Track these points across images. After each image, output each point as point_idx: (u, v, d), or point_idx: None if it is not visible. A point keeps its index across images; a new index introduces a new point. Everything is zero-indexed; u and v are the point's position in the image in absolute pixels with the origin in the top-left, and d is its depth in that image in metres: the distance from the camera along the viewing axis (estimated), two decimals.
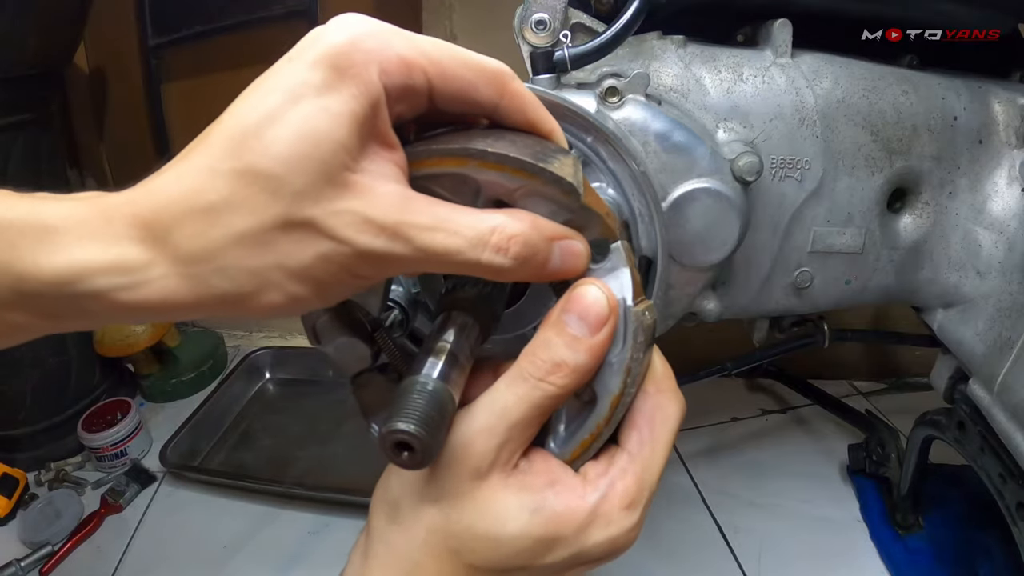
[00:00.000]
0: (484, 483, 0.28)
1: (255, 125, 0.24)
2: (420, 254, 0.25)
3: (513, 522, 0.28)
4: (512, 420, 0.28)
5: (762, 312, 0.60)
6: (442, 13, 1.04)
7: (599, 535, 0.29)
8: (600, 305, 0.29)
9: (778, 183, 0.53)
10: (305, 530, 0.89)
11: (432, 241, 0.25)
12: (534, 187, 0.28)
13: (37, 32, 0.89)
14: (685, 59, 0.53)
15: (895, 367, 1.17)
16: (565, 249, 0.28)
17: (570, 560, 0.29)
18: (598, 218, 0.31)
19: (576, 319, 0.29)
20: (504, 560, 0.29)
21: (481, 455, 0.28)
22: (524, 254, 0.26)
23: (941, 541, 0.78)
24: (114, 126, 1.32)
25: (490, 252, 0.26)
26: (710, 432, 1.05)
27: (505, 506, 0.28)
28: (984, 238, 0.57)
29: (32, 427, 1.04)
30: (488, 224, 0.26)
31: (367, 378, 0.36)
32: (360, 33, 0.25)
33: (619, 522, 0.29)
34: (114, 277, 0.23)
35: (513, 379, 0.29)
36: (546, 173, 0.28)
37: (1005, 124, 0.58)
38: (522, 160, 0.27)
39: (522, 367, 0.29)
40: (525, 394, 0.28)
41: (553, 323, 0.29)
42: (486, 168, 0.28)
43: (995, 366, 0.55)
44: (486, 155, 0.28)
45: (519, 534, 0.28)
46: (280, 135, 0.23)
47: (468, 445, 0.28)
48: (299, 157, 0.23)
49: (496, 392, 0.29)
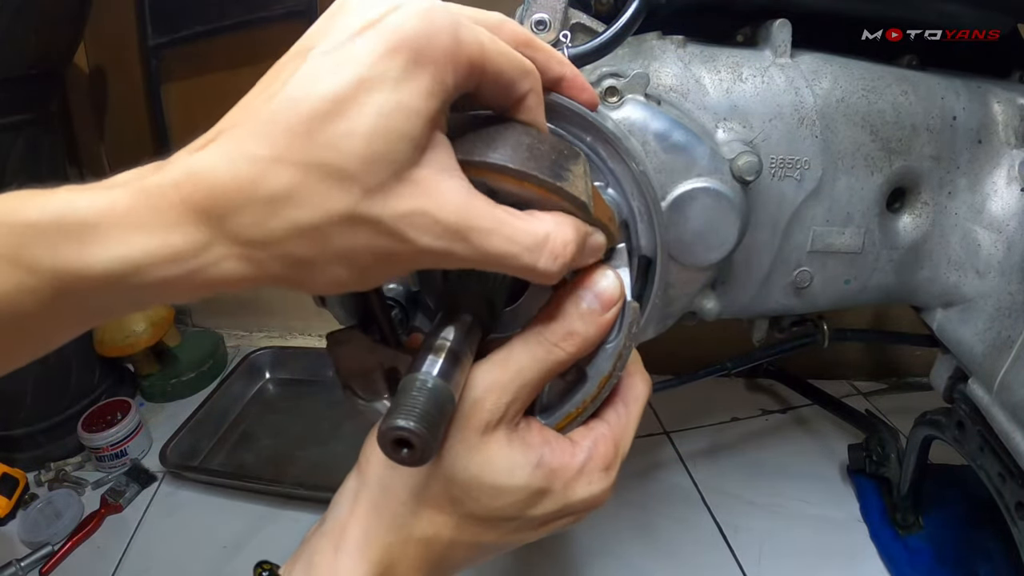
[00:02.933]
0: (491, 437, 0.30)
1: (324, 113, 0.22)
2: (478, 255, 0.26)
3: (518, 473, 0.31)
4: (524, 380, 0.31)
5: (761, 311, 0.60)
6: None
7: (582, 491, 0.33)
8: (613, 288, 0.32)
9: (777, 183, 0.53)
10: (305, 530, 0.88)
11: (492, 245, 0.26)
12: (549, 200, 0.29)
13: (37, 32, 0.89)
14: (684, 59, 0.53)
15: (895, 367, 1.18)
16: (590, 245, 0.30)
17: (554, 513, 0.32)
18: (604, 227, 0.32)
19: (592, 296, 0.32)
20: (500, 509, 0.31)
21: (492, 410, 0.30)
22: (571, 260, 0.28)
23: (941, 541, 0.78)
24: (114, 126, 1.32)
25: (546, 258, 0.27)
26: (710, 432, 1.05)
27: (511, 459, 0.31)
28: (983, 238, 0.58)
29: (32, 427, 1.04)
30: (543, 230, 0.27)
31: (347, 335, 0.37)
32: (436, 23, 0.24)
33: (599, 481, 0.33)
34: (173, 266, 0.23)
35: (528, 342, 0.31)
36: (563, 192, 0.29)
37: (1004, 124, 0.58)
38: (541, 179, 0.29)
39: (538, 332, 0.31)
40: (541, 356, 0.31)
41: (569, 297, 0.32)
42: (505, 181, 0.29)
43: (994, 366, 0.55)
44: (507, 170, 0.28)
45: (521, 485, 0.31)
46: (354, 130, 0.22)
47: (480, 400, 0.30)
48: (373, 156, 0.23)
49: (511, 352, 0.31)
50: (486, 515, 0.32)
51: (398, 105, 0.23)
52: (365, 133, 0.23)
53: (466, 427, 0.30)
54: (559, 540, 0.83)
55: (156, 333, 1.15)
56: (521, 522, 0.32)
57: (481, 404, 0.30)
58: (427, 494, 0.31)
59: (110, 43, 1.25)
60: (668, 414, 1.08)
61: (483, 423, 0.30)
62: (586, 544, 0.83)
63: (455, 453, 0.30)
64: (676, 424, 1.06)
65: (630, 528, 0.86)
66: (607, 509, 0.94)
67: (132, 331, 1.12)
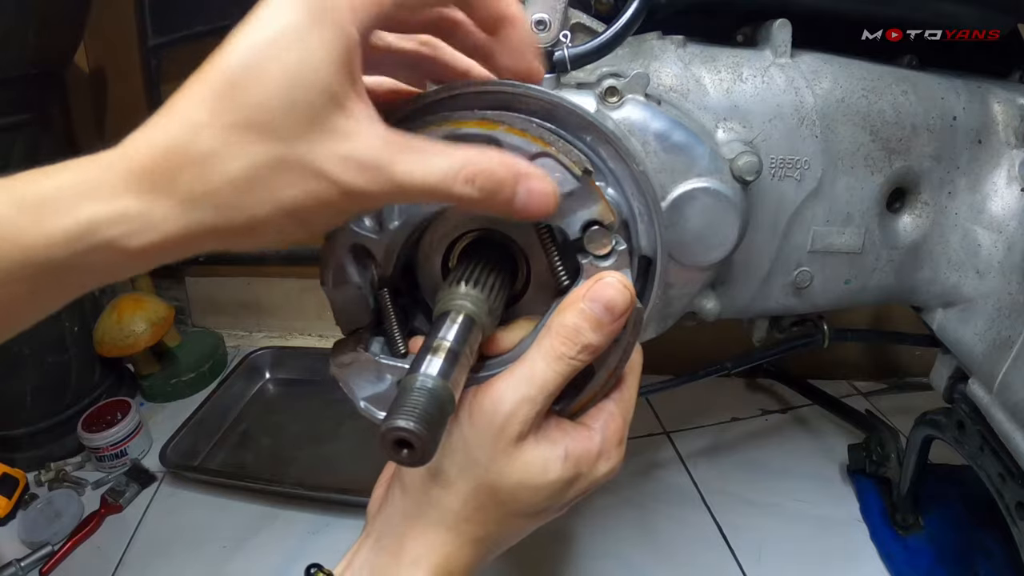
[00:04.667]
0: (524, 444, 0.34)
1: (242, 78, 0.25)
2: (398, 188, 0.27)
3: (552, 468, 0.34)
4: (549, 392, 0.34)
5: (761, 312, 0.60)
6: None
7: (603, 467, 0.36)
8: (623, 297, 0.34)
9: (777, 183, 0.53)
10: (305, 530, 0.89)
11: (410, 177, 0.27)
12: (548, 154, 0.33)
13: (37, 32, 0.89)
14: (685, 59, 0.53)
15: (895, 367, 1.17)
16: (533, 187, 0.30)
17: (582, 491, 0.36)
18: (599, 196, 0.35)
19: (602, 309, 0.34)
20: (540, 503, 0.35)
21: (523, 422, 0.34)
22: (489, 186, 0.28)
23: (941, 541, 0.78)
24: (114, 126, 1.32)
25: (460, 184, 0.28)
26: (710, 432, 1.05)
27: (544, 459, 0.34)
28: (983, 238, 0.58)
29: (32, 427, 1.04)
30: (459, 158, 0.28)
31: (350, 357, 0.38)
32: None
33: (615, 456, 0.37)
34: (121, 225, 0.25)
35: (548, 356, 0.34)
36: (559, 143, 0.33)
37: (1004, 124, 0.58)
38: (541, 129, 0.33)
39: (556, 347, 0.34)
40: (562, 370, 0.34)
41: (580, 310, 0.34)
42: (513, 133, 0.33)
43: (994, 366, 0.55)
44: (514, 121, 0.33)
45: (556, 479, 0.35)
46: (268, 86, 0.25)
47: (512, 415, 0.33)
48: (287, 105, 0.25)
49: (534, 366, 0.34)
50: (528, 510, 0.35)
51: (304, 58, 0.25)
52: (278, 88, 0.25)
53: (502, 439, 0.34)
54: (559, 540, 0.83)
55: (156, 333, 1.15)
56: (556, 507, 0.36)
57: (515, 418, 0.33)
58: (476, 502, 0.35)
59: (110, 43, 1.25)
60: (668, 414, 1.08)
61: (517, 434, 0.34)
62: (586, 544, 0.83)
63: (499, 465, 0.34)
64: (676, 424, 1.06)
65: (630, 528, 0.86)
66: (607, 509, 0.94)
67: (132, 331, 1.12)
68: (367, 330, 0.39)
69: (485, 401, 0.34)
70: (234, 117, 0.25)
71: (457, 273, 0.36)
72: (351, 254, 0.39)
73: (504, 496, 0.34)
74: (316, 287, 0.39)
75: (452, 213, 0.39)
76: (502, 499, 0.35)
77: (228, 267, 1.35)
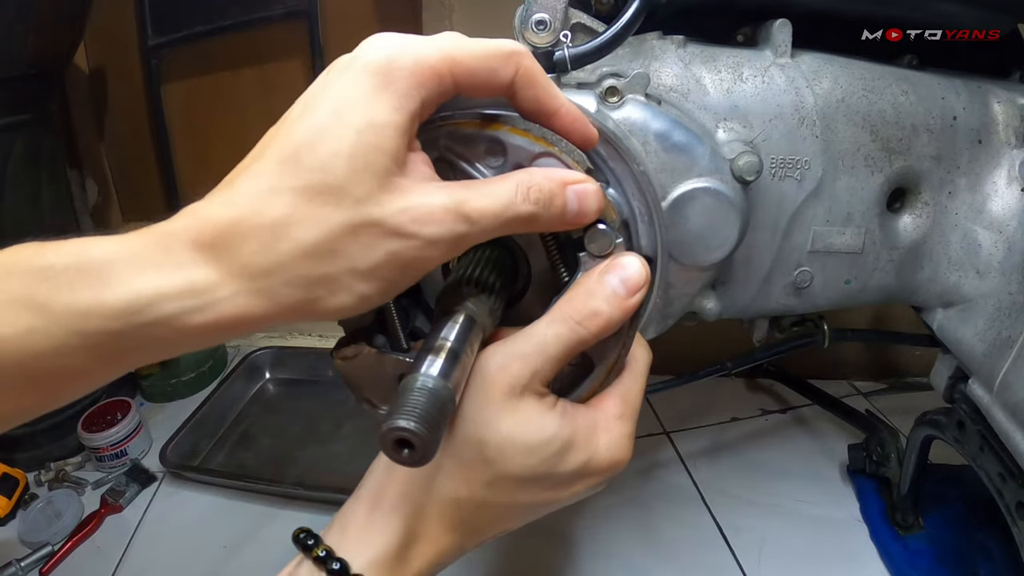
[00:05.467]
0: (521, 400, 0.32)
1: (309, 142, 0.25)
2: (474, 225, 0.28)
3: (548, 427, 0.33)
4: (547, 353, 0.32)
5: (762, 312, 0.60)
6: (442, 13, 1.05)
7: (603, 440, 0.34)
8: (640, 274, 0.33)
9: (778, 183, 0.53)
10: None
11: (482, 210, 0.28)
12: (551, 154, 0.33)
13: (37, 32, 0.89)
14: (685, 59, 0.53)
15: (895, 367, 1.17)
16: (580, 193, 0.31)
17: (581, 468, 0.34)
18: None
19: (618, 280, 0.33)
20: (533, 467, 0.33)
21: (516, 376, 0.32)
22: (544, 198, 0.30)
23: (941, 541, 0.78)
24: (114, 126, 1.32)
25: (521, 203, 0.29)
26: (710, 432, 1.05)
27: (541, 417, 0.33)
28: (984, 238, 0.58)
29: (32, 427, 1.03)
30: (513, 180, 0.30)
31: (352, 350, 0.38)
32: (395, 49, 0.28)
33: (615, 429, 0.35)
34: (184, 301, 0.24)
35: (553, 319, 0.33)
36: (562, 143, 0.34)
37: (1005, 124, 0.58)
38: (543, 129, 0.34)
39: (563, 310, 0.33)
40: (563, 333, 0.33)
41: (596, 279, 0.34)
42: (516, 133, 0.33)
43: (995, 365, 0.55)
44: (517, 121, 0.34)
45: (550, 437, 0.33)
46: (336, 150, 0.25)
47: (505, 367, 0.32)
48: (355, 169, 0.25)
49: (536, 327, 0.33)
50: (519, 473, 0.33)
51: (370, 123, 0.26)
52: (345, 151, 0.25)
53: (492, 391, 0.32)
54: (559, 540, 0.83)
55: None
56: (552, 480, 0.34)
57: (505, 369, 0.32)
58: (461, 457, 0.33)
59: (110, 43, 1.25)
60: (668, 414, 1.08)
61: (508, 387, 0.32)
62: (586, 544, 0.83)
63: (486, 416, 0.32)
64: (676, 424, 1.06)
65: (630, 528, 0.86)
66: (607, 509, 0.94)
67: None
68: (369, 330, 0.40)
69: (480, 358, 0.33)
70: (303, 181, 0.25)
71: (457, 273, 0.36)
72: None
73: (492, 452, 0.32)
74: None
75: None
76: (490, 456, 0.32)
77: None
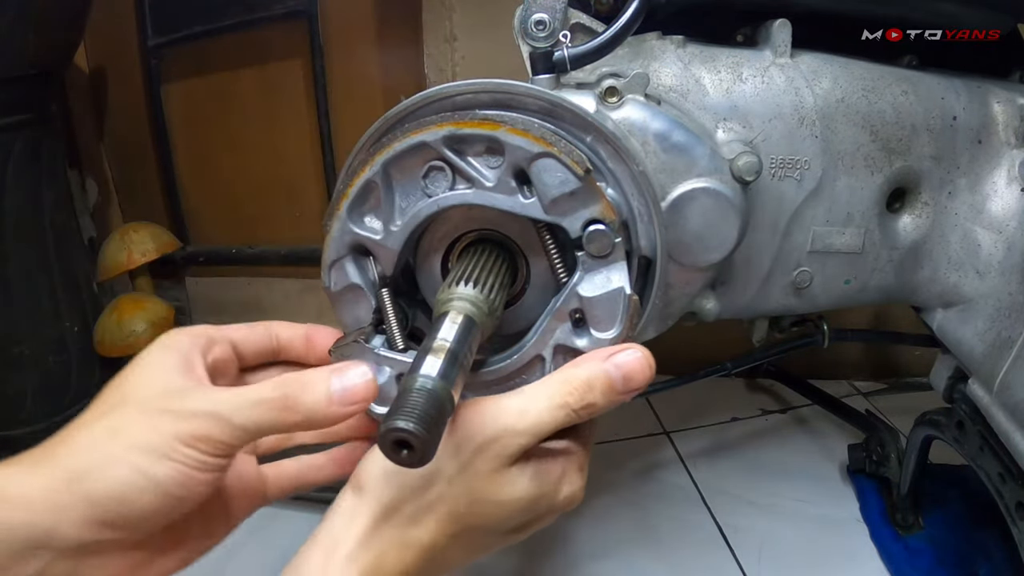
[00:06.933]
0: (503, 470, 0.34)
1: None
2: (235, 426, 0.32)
3: (522, 488, 0.34)
4: (540, 433, 0.34)
5: (761, 312, 0.60)
6: (442, 13, 1.04)
7: (565, 489, 0.36)
8: (643, 376, 0.35)
9: (777, 183, 0.53)
10: (305, 530, 0.88)
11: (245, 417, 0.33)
12: (550, 154, 0.34)
13: (37, 32, 0.89)
14: (684, 59, 0.53)
15: (895, 367, 1.18)
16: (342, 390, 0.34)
17: (544, 512, 0.36)
18: (599, 195, 0.35)
19: (622, 378, 0.35)
20: (502, 519, 0.35)
21: (506, 448, 0.34)
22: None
23: (941, 541, 0.78)
24: (114, 126, 1.32)
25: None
26: (710, 432, 1.05)
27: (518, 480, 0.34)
28: (983, 238, 0.58)
29: (32, 427, 1.04)
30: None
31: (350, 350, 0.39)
32: (175, 332, 0.38)
33: (576, 481, 0.37)
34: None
35: (553, 404, 0.34)
36: (561, 143, 0.34)
37: (1004, 124, 0.58)
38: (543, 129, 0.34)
39: (563, 395, 0.35)
40: (560, 418, 0.34)
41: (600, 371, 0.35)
42: (515, 134, 0.34)
43: (994, 366, 0.55)
44: (516, 121, 0.34)
45: (522, 496, 0.34)
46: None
47: (497, 439, 0.33)
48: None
49: (535, 404, 0.34)
50: (487, 525, 0.35)
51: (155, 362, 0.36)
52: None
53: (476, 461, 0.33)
54: (559, 541, 0.83)
55: (156, 333, 1.14)
56: (513, 527, 0.36)
57: (497, 442, 0.33)
58: (431, 507, 0.34)
59: (110, 43, 1.25)
60: (668, 414, 1.08)
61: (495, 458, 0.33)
62: (586, 544, 0.83)
63: (466, 478, 0.33)
64: (676, 424, 1.06)
65: (630, 528, 0.86)
66: (607, 509, 0.93)
67: (132, 331, 1.12)
68: (368, 329, 0.40)
69: (473, 417, 0.34)
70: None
71: (457, 273, 0.36)
72: (352, 254, 0.39)
73: (463, 507, 0.34)
74: (316, 287, 0.40)
75: (452, 213, 0.39)
76: (461, 511, 0.34)
77: (228, 267, 1.35)
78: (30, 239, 1.00)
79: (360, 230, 0.38)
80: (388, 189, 0.37)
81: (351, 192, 0.37)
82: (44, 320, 1.04)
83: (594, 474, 0.40)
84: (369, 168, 0.37)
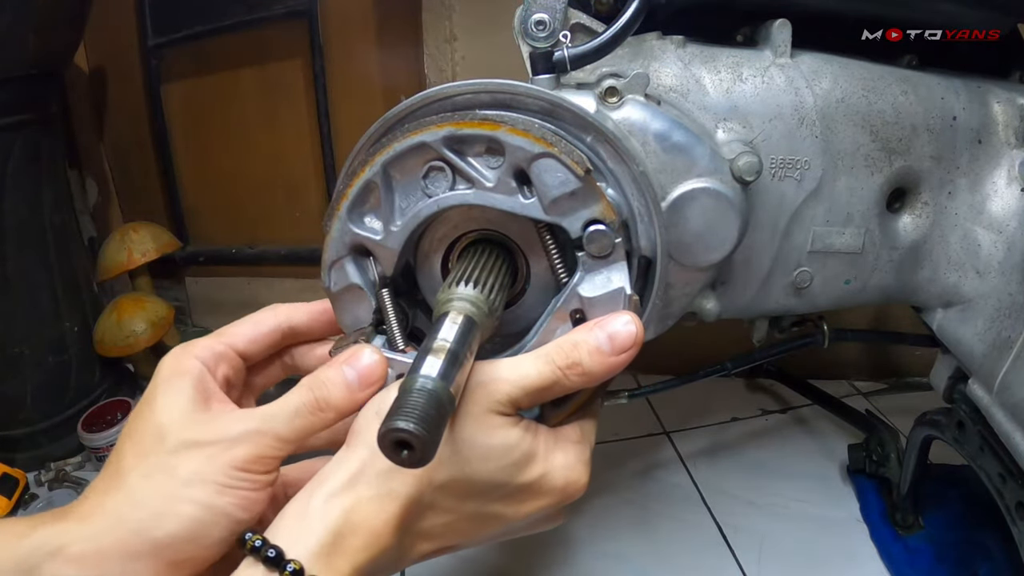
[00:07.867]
0: (489, 415, 0.35)
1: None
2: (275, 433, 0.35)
3: (511, 437, 0.35)
4: (525, 385, 0.35)
5: (761, 312, 0.60)
6: (442, 13, 1.04)
7: (559, 458, 0.36)
8: (628, 333, 0.35)
9: (777, 183, 0.53)
10: None
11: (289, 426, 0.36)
12: (551, 154, 0.34)
13: (37, 32, 0.89)
14: (684, 59, 0.53)
15: (895, 367, 1.17)
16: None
17: (536, 483, 0.36)
18: (600, 195, 0.35)
19: (605, 336, 0.35)
20: (490, 472, 0.35)
21: (492, 394, 0.34)
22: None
23: (941, 541, 0.78)
24: (114, 126, 1.32)
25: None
26: (710, 432, 1.05)
27: (506, 428, 0.35)
28: (983, 238, 0.58)
29: (32, 427, 1.04)
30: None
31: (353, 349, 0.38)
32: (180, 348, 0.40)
33: (572, 450, 0.37)
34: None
35: (539, 357, 0.35)
36: (561, 143, 0.34)
37: (1004, 124, 0.58)
38: (543, 130, 0.34)
39: (550, 352, 0.35)
40: (545, 373, 0.35)
41: (584, 331, 0.36)
42: (515, 134, 0.34)
43: (994, 366, 0.55)
44: (517, 122, 0.34)
45: (512, 445, 0.35)
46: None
47: (484, 384, 0.34)
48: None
49: (523, 360, 0.36)
50: (474, 477, 0.35)
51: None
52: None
53: (466, 403, 0.34)
54: (559, 540, 0.83)
55: (156, 333, 1.15)
56: (505, 490, 0.36)
57: (484, 387, 0.34)
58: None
59: (110, 43, 1.25)
60: (668, 414, 1.08)
61: (482, 402, 0.34)
62: (586, 544, 0.83)
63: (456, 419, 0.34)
64: (676, 424, 1.06)
65: (630, 528, 0.86)
66: (607, 509, 0.93)
67: (132, 331, 1.12)
68: (368, 329, 0.40)
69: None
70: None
71: (457, 273, 0.36)
72: (352, 254, 0.39)
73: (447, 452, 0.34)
74: (316, 287, 0.40)
75: (452, 214, 0.39)
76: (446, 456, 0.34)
77: (228, 267, 1.35)
78: (30, 239, 1.00)
79: (360, 230, 0.38)
80: (388, 189, 0.37)
81: (351, 192, 0.37)
82: (44, 320, 1.04)
83: (594, 474, 0.39)
84: (369, 168, 0.37)
